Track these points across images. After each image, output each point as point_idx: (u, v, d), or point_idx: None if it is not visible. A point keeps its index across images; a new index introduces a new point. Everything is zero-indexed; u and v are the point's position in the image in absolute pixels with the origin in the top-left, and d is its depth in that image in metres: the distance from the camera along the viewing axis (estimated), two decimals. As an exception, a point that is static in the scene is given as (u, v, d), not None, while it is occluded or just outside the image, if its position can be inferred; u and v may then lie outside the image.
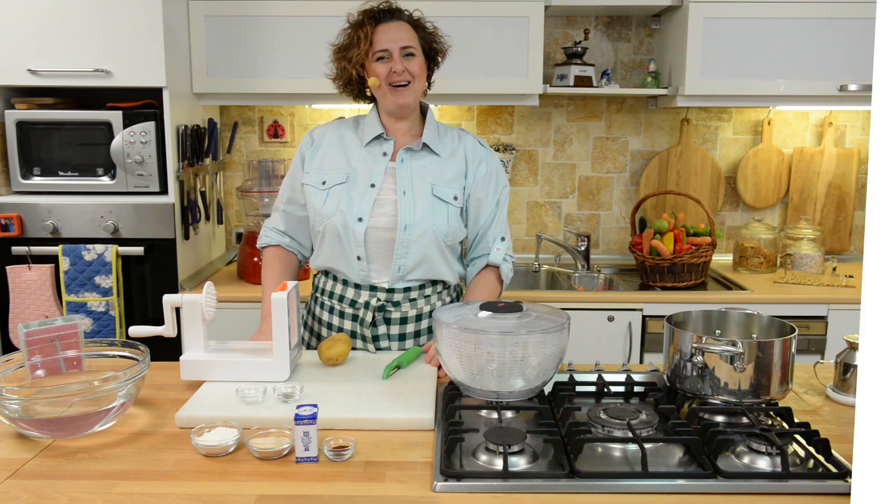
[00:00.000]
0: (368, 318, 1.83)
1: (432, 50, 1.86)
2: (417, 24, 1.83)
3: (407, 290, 1.84)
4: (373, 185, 1.80)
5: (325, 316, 1.91)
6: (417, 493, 1.18)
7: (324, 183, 1.83)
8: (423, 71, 1.81)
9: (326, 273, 1.91)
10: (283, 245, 1.95)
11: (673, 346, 1.48)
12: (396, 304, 1.84)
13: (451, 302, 1.95)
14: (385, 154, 1.83)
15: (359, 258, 1.81)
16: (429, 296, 1.87)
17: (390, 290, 1.83)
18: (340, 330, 1.89)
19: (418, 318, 1.87)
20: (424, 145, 1.84)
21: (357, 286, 1.85)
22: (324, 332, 1.92)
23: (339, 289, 1.88)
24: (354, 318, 1.86)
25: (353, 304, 1.86)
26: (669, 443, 1.33)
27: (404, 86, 1.78)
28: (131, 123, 2.53)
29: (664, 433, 1.37)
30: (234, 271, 2.88)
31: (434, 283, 1.88)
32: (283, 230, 1.96)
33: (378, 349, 1.85)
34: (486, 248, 1.91)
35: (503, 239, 1.92)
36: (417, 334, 1.87)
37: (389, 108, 1.82)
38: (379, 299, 1.83)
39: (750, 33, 2.71)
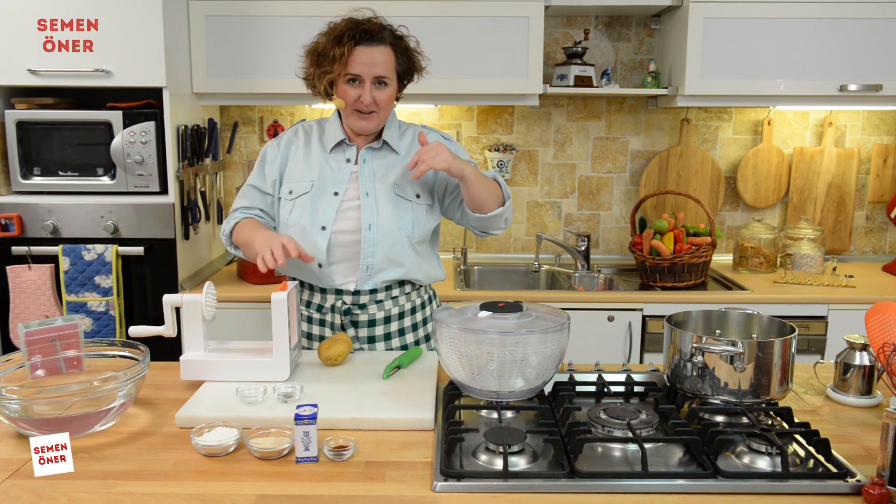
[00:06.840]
0: (337, 321, 1.84)
1: (407, 73, 1.83)
2: (398, 47, 1.78)
3: (373, 291, 1.83)
4: (336, 194, 1.79)
5: None
6: (417, 493, 1.18)
7: (290, 192, 1.82)
8: (391, 101, 1.78)
9: (293, 279, 1.89)
10: (254, 216, 1.87)
11: (673, 346, 1.48)
12: (363, 307, 1.84)
13: (422, 303, 1.93)
14: (349, 160, 1.82)
15: (320, 265, 1.79)
16: (396, 297, 1.86)
17: (356, 293, 1.82)
18: (310, 336, 1.89)
19: (387, 320, 1.86)
20: (385, 143, 1.83)
21: (322, 290, 1.85)
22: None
23: (305, 294, 1.89)
24: (322, 322, 1.87)
25: (319, 308, 1.87)
26: (669, 443, 1.33)
27: (369, 113, 1.76)
28: (131, 123, 2.53)
29: (664, 433, 1.37)
30: (234, 271, 2.88)
31: (402, 283, 1.87)
32: (247, 205, 1.88)
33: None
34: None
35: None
36: (388, 336, 1.87)
37: (351, 126, 1.81)
38: (344, 302, 1.83)
39: (750, 33, 2.71)
